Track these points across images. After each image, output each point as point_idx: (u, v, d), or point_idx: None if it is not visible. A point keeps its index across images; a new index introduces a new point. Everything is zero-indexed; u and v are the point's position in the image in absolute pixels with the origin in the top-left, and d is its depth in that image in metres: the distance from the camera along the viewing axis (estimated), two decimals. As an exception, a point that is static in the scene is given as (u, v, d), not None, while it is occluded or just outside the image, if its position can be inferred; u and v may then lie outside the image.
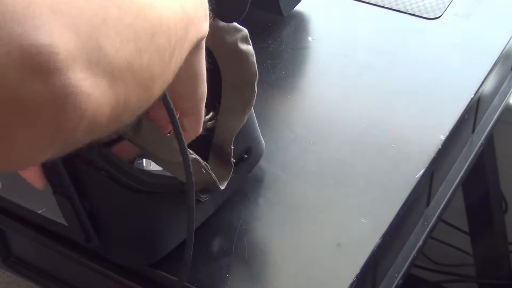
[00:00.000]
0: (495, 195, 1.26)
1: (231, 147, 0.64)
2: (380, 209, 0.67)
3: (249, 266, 0.64)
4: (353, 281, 0.61)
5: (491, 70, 0.84)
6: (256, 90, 0.64)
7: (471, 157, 0.88)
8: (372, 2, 0.96)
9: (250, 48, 0.63)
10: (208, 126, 0.65)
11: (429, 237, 0.80)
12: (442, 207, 0.82)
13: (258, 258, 0.64)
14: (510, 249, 1.35)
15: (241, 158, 0.67)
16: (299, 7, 0.95)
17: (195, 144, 0.61)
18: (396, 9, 0.94)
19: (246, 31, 0.63)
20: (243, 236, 0.66)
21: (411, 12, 0.93)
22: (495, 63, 0.85)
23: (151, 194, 0.59)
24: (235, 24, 0.63)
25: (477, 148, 0.90)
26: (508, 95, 0.97)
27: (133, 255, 0.64)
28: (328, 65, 0.88)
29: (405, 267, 0.76)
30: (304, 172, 0.72)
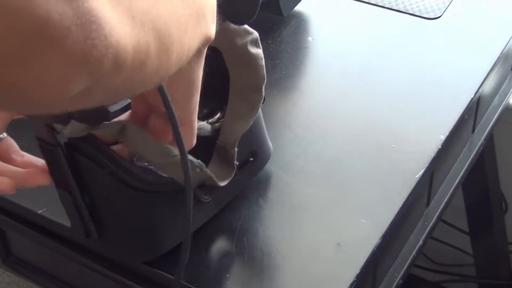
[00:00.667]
0: (495, 195, 1.26)
1: (235, 149, 0.64)
2: (380, 209, 0.67)
3: (249, 266, 0.64)
4: (353, 281, 0.61)
5: (491, 70, 0.84)
6: (263, 94, 0.64)
7: (471, 157, 0.88)
8: (372, 2, 0.96)
9: (259, 51, 0.63)
10: (216, 127, 0.65)
11: (429, 237, 0.80)
12: (442, 207, 0.82)
13: (258, 258, 0.64)
14: (510, 249, 1.35)
15: (246, 161, 0.67)
16: (299, 7, 0.95)
17: (199, 144, 0.61)
18: (396, 9, 0.94)
19: (256, 34, 0.63)
20: (243, 236, 0.66)
21: (411, 12, 0.93)
22: (495, 63, 0.85)
23: (152, 192, 0.60)
24: (246, 26, 0.63)
25: (477, 148, 0.90)
26: (508, 95, 0.97)
27: (132, 252, 0.64)
28: (328, 65, 0.88)
29: (405, 267, 0.76)
30: (304, 172, 0.72)
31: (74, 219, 0.62)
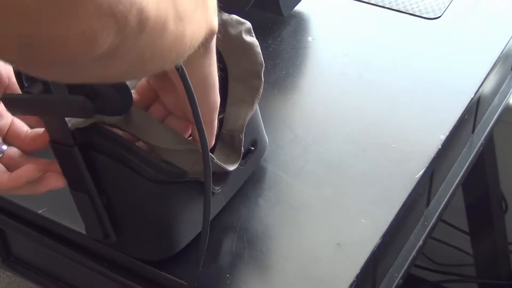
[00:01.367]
0: (495, 195, 1.26)
1: (242, 134, 0.64)
2: (380, 209, 0.67)
3: (249, 266, 0.64)
4: (353, 281, 0.61)
5: (491, 70, 0.84)
6: (263, 79, 0.66)
7: (471, 157, 0.88)
8: (372, 2, 0.96)
9: (254, 39, 0.65)
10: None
11: (429, 237, 0.80)
12: (442, 207, 0.82)
13: (258, 258, 0.64)
14: (510, 249, 1.35)
15: (248, 150, 0.68)
16: (299, 7, 0.95)
17: None
18: (396, 9, 0.94)
19: (249, 23, 0.64)
20: (243, 236, 0.66)
21: (411, 12, 0.93)
22: (495, 63, 0.85)
23: (170, 184, 0.59)
24: (238, 17, 0.64)
25: (477, 148, 0.90)
26: (508, 95, 0.97)
27: (150, 249, 0.63)
28: (328, 65, 0.88)
29: (405, 267, 0.76)
30: (304, 172, 0.72)
31: (90, 222, 0.60)
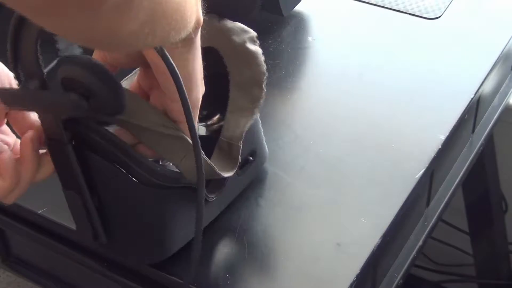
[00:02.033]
0: (495, 195, 1.26)
1: (241, 143, 0.64)
2: (380, 209, 0.67)
3: (249, 266, 0.64)
4: (353, 281, 0.61)
5: (491, 70, 0.84)
6: (264, 89, 0.66)
7: (471, 157, 0.88)
8: (372, 2, 0.96)
9: (258, 48, 0.65)
10: (214, 128, 0.66)
11: (429, 237, 0.80)
12: (442, 207, 0.82)
13: (258, 258, 0.64)
14: (510, 249, 1.35)
15: (246, 160, 0.67)
16: (299, 7, 0.95)
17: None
18: (396, 9, 0.94)
19: (253, 32, 0.64)
20: (243, 236, 0.66)
21: (411, 12, 0.93)
22: (495, 63, 0.85)
23: (163, 188, 0.59)
24: (242, 25, 0.64)
25: (477, 148, 0.90)
26: (508, 95, 0.97)
27: (141, 253, 0.63)
28: (328, 65, 0.88)
29: (405, 267, 0.76)
30: (304, 172, 0.72)
31: (81, 221, 0.60)
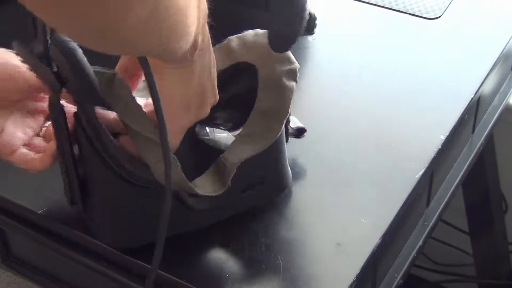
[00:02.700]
0: (495, 195, 1.26)
1: (234, 170, 0.62)
2: (380, 209, 0.67)
3: (249, 266, 0.64)
4: (353, 281, 0.61)
5: (491, 70, 0.84)
6: (283, 128, 0.63)
7: (471, 157, 0.88)
8: (372, 2, 0.96)
9: (293, 84, 0.63)
10: (225, 141, 0.65)
11: (429, 237, 0.80)
12: (442, 207, 0.82)
13: (258, 258, 0.64)
14: (510, 249, 1.35)
15: (253, 185, 0.66)
16: (299, 7, 0.95)
17: (208, 155, 0.61)
18: (396, 9, 0.94)
19: (296, 65, 0.63)
20: (243, 236, 0.66)
21: (411, 12, 0.93)
22: (495, 63, 0.85)
23: (133, 185, 0.60)
24: (290, 55, 0.63)
25: (477, 148, 0.90)
26: (508, 95, 0.97)
27: (113, 235, 0.64)
28: (328, 65, 0.88)
29: (405, 267, 0.76)
30: (304, 171, 0.72)
31: (65, 183, 0.64)
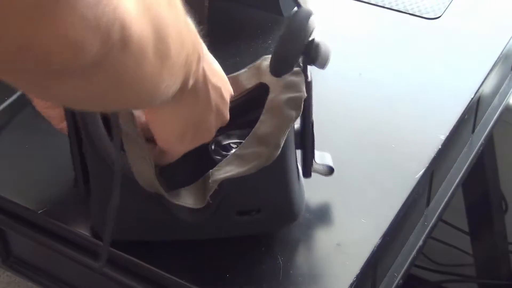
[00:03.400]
0: (495, 195, 1.26)
1: (215, 187, 0.59)
2: (380, 209, 0.67)
3: (249, 266, 0.64)
4: (353, 281, 0.61)
5: (491, 70, 0.84)
6: (276, 155, 0.60)
7: (471, 157, 0.88)
8: (372, 2, 0.95)
9: (293, 114, 0.61)
10: (226, 148, 0.64)
11: (429, 237, 0.80)
12: (442, 207, 0.82)
13: (258, 258, 0.64)
14: (510, 249, 1.35)
15: (246, 212, 0.63)
16: (299, 7, 0.95)
17: (203, 152, 0.61)
18: (396, 9, 0.94)
19: (303, 95, 0.61)
20: (243, 236, 0.66)
21: (411, 12, 0.93)
22: (495, 63, 0.85)
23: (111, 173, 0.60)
24: (300, 82, 0.61)
25: (477, 148, 0.90)
26: (508, 95, 0.97)
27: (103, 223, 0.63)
28: (328, 65, 0.87)
29: (405, 267, 0.76)
30: (304, 172, 0.72)
31: (72, 163, 0.67)
